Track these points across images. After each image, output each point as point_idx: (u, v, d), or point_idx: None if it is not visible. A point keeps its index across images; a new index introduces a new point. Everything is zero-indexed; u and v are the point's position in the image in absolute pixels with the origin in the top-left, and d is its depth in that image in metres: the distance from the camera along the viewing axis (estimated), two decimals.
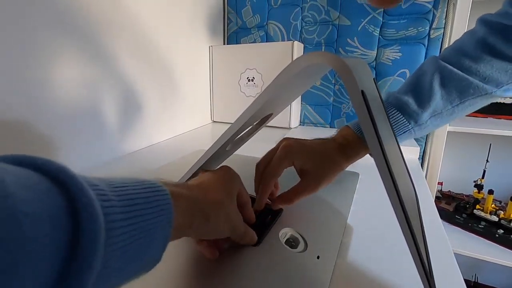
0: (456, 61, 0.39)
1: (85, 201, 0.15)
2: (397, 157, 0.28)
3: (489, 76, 0.37)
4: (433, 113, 0.39)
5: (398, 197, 0.23)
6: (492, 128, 0.92)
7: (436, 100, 0.39)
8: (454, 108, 0.39)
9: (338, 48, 0.98)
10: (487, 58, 0.37)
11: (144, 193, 0.20)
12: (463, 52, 0.39)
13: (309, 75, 0.35)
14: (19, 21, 0.47)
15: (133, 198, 0.19)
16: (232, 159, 0.47)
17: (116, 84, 0.68)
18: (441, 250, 0.36)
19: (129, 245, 0.18)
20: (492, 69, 0.37)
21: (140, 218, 0.19)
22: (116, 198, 0.18)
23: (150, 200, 0.20)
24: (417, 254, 0.23)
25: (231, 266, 0.30)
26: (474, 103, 0.39)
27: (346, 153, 0.39)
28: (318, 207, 0.43)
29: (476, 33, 0.39)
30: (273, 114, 0.41)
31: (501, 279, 1.21)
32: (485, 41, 0.38)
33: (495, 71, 0.37)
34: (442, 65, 0.40)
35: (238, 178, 0.33)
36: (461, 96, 0.39)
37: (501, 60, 0.37)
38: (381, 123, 0.25)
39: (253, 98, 1.00)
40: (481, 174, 1.07)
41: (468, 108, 0.40)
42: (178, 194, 0.24)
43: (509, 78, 0.37)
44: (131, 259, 0.18)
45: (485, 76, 0.37)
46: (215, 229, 0.28)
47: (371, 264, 0.34)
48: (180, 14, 0.88)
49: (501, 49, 0.37)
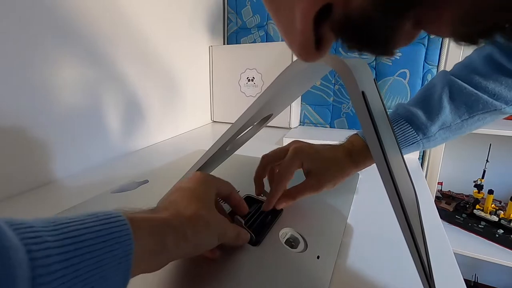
0: (465, 76, 0.40)
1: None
2: (397, 158, 0.28)
3: (498, 93, 0.38)
4: (441, 126, 0.40)
5: (398, 197, 0.23)
6: (492, 128, 0.92)
7: (445, 113, 0.39)
8: (463, 122, 0.40)
9: (338, 48, 0.98)
10: (496, 75, 0.38)
11: (94, 227, 0.19)
12: (473, 68, 0.40)
13: (309, 76, 0.35)
14: (20, 25, 0.47)
15: (79, 235, 0.18)
16: (232, 159, 0.47)
17: (116, 84, 0.68)
18: (441, 250, 0.36)
19: (75, 285, 0.16)
20: (501, 86, 0.38)
21: (87, 255, 0.17)
22: (53, 238, 0.16)
23: (102, 234, 0.19)
24: (417, 254, 0.23)
25: (231, 266, 0.30)
26: (483, 118, 0.39)
27: (353, 159, 0.40)
28: (318, 207, 0.43)
29: (483, 49, 0.40)
30: (273, 114, 0.41)
31: (501, 279, 1.21)
32: (492, 58, 0.38)
33: (503, 88, 0.38)
34: (451, 79, 0.40)
35: (213, 180, 0.32)
36: (470, 111, 0.39)
37: (509, 78, 0.37)
38: (381, 124, 0.25)
39: (253, 98, 1.00)
40: (481, 174, 1.07)
41: (477, 123, 0.40)
42: (141, 219, 0.22)
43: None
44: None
45: (494, 92, 0.38)
46: (199, 244, 0.26)
47: (371, 264, 0.34)
48: (180, 14, 0.88)
49: (508, 67, 0.37)
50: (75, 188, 0.54)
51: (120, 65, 0.68)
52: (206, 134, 0.98)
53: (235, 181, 0.46)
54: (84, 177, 0.58)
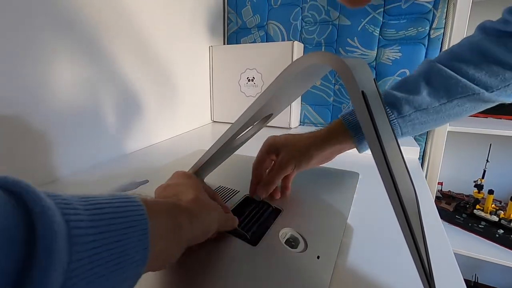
0: (447, 62, 0.40)
1: (39, 210, 0.14)
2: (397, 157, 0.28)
3: (478, 79, 0.37)
4: (418, 107, 0.39)
5: (398, 197, 0.23)
6: (492, 128, 0.92)
7: (422, 95, 0.39)
8: (442, 106, 0.39)
9: (338, 48, 0.98)
10: (479, 61, 0.38)
11: (115, 203, 0.19)
12: (456, 55, 0.40)
13: (309, 76, 0.35)
14: (18, 20, 0.47)
15: (102, 207, 0.18)
16: (232, 159, 0.47)
17: (116, 84, 0.68)
18: (441, 250, 0.36)
19: (101, 253, 0.17)
20: (481, 71, 0.37)
21: (112, 226, 0.18)
22: (82, 207, 0.17)
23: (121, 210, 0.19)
24: (417, 254, 0.23)
25: (230, 266, 0.30)
26: (462, 103, 0.39)
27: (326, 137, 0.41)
28: (318, 207, 0.43)
29: (473, 38, 0.40)
30: (273, 114, 0.41)
31: (501, 279, 1.21)
32: (479, 45, 0.38)
33: (484, 74, 0.37)
34: (432, 64, 0.40)
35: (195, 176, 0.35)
36: (449, 94, 0.38)
37: (493, 64, 0.37)
38: (381, 123, 0.25)
39: (253, 98, 1.00)
40: (481, 174, 1.07)
41: (456, 109, 0.39)
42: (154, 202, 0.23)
43: (499, 83, 0.37)
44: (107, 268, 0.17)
45: (474, 78, 0.38)
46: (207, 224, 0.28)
47: (371, 264, 0.34)
48: (180, 14, 0.88)
49: (495, 54, 0.37)
50: (74, 188, 0.54)
51: (120, 65, 0.68)
52: (206, 134, 0.98)
53: (235, 181, 0.46)
54: (84, 177, 0.58)
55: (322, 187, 0.48)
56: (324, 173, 0.54)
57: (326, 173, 0.55)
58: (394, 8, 0.88)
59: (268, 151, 0.42)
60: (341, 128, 0.40)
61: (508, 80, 0.37)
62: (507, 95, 0.38)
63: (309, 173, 0.46)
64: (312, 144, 0.40)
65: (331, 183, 0.51)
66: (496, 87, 0.37)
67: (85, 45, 0.59)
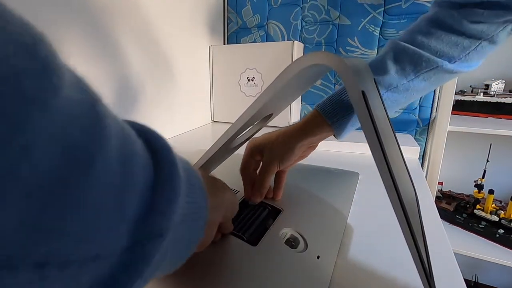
0: (409, 38, 0.40)
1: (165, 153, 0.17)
2: (397, 157, 0.28)
3: (440, 50, 0.38)
4: (388, 87, 0.39)
5: (398, 197, 0.23)
6: (492, 128, 0.92)
7: (391, 74, 0.39)
8: (410, 83, 0.39)
9: (338, 48, 0.98)
10: (438, 33, 0.38)
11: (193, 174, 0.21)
12: (416, 30, 0.40)
13: (309, 75, 0.35)
14: None
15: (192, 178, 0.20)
16: (232, 159, 0.47)
17: (116, 84, 0.68)
18: (441, 250, 0.36)
19: (188, 215, 0.18)
20: (442, 43, 0.38)
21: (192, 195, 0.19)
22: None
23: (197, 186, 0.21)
24: (417, 254, 0.23)
25: (230, 266, 0.30)
26: (428, 77, 0.39)
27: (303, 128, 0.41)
28: (318, 207, 0.43)
29: (428, 13, 0.41)
30: (273, 114, 0.41)
31: (501, 279, 1.21)
32: (435, 17, 0.39)
33: (445, 45, 0.38)
34: (395, 42, 0.41)
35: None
36: (415, 70, 0.39)
37: (451, 34, 0.38)
38: (381, 123, 0.25)
39: (253, 98, 1.00)
40: (481, 174, 1.07)
41: (423, 83, 0.40)
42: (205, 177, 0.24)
43: (460, 52, 0.38)
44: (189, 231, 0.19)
45: (436, 50, 0.38)
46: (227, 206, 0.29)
47: (371, 264, 0.34)
48: (180, 14, 0.88)
49: (450, 23, 0.37)
50: None
51: (120, 65, 0.68)
52: (206, 134, 0.97)
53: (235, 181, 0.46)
54: None
55: (322, 187, 0.48)
56: (324, 173, 0.54)
57: (326, 173, 0.54)
58: (394, 8, 0.88)
59: (252, 154, 0.42)
60: (317, 118, 0.41)
61: (467, 48, 0.38)
62: (468, 65, 0.39)
63: (309, 173, 0.46)
64: (291, 137, 0.40)
65: (331, 183, 0.51)
66: (457, 57, 0.38)
67: (85, 46, 0.59)
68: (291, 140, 0.40)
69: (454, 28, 0.37)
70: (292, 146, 0.40)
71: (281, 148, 0.40)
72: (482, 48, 0.38)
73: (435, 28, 0.39)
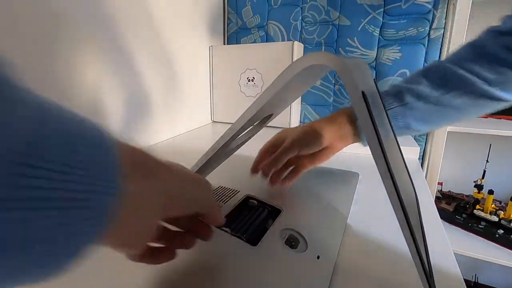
0: (450, 60, 0.41)
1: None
2: (397, 157, 0.28)
3: (477, 72, 0.38)
4: (417, 96, 0.40)
5: (398, 197, 0.23)
6: (492, 128, 0.92)
7: (422, 84, 0.40)
8: (440, 97, 0.40)
9: (338, 48, 0.98)
10: (477, 59, 0.39)
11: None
12: (458, 54, 0.41)
13: (309, 76, 0.35)
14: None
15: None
16: (232, 159, 0.47)
17: (116, 84, 0.68)
18: (441, 250, 0.36)
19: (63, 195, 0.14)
20: (480, 68, 0.38)
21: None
22: None
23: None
24: (417, 254, 0.23)
25: (230, 266, 0.30)
26: (459, 95, 0.39)
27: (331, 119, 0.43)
28: (318, 207, 0.43)
29: (474, 39, 0.41)
30: (273, 114, 0.41)
31: (501, 279, 1.21)
32: (476, 44, 0.40)
33: (485, 69, 0.38)
34: (434, 62, 0.43)
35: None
36: (446, 85, 0.40)
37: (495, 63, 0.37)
38: (381, 123, 0.25)
39: (253, 98, 1.00)
40: (481, 174, 1.07)
41: (454, 101, 0.39)
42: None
43: (499, 77, 0.37)
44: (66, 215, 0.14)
45: (472, 71, 0.38)
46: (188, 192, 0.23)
47: (371, 264, 0.34)
48: (180, 14, 0.88)
49: (490, 51, 0.38)
50: None
51: (120, 65, 0.68)
52: (206, 134, 0.97)
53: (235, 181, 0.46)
54: None
55: (322, 187, 0.48)
56: (324, 173, 0.54)
57: (326, 173, 0.55)
58: (394, 8, 0.88)
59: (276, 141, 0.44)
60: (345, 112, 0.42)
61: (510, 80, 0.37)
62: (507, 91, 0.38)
63: (309, 173, 0.46)
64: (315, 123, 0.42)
65: (331, 183, 0.51)
66: (494, 82, 0.38)
67: (85, 45, 0.59)
68: (314, 124, 0.42)
69: (500, 57, 0.37)
70: (314, 130, 0.41)
71: (303, 131, 0.41)
72: None
73: (477, 55, 0.39)
